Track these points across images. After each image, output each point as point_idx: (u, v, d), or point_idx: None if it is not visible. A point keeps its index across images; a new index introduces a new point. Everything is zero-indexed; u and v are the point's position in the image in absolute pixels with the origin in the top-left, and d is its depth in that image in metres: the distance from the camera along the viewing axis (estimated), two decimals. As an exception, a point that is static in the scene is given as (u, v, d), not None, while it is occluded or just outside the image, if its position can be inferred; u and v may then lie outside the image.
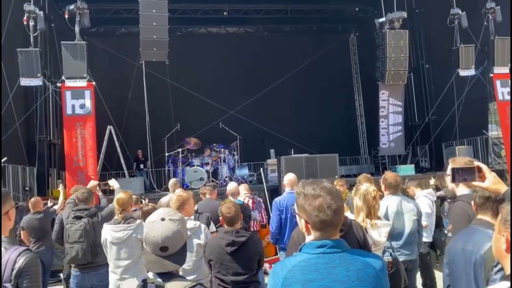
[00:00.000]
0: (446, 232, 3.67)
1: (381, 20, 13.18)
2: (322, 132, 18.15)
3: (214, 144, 13.92)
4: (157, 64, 12.36)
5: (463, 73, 12.83)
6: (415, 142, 15.96)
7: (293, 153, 12.13)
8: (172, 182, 7.77)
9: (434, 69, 15.84)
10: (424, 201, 5.98)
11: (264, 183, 10.93)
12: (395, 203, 4.28)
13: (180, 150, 13.08)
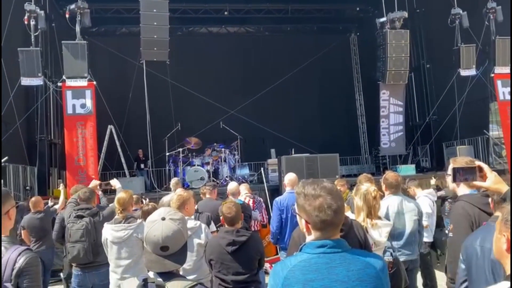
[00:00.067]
0: (447, 232, 3.65)
1: (382, 19, 13.18)
2: (323, 132, 18.12)
3: (215, 143, 13.91)
4: (157, 63, 12.36)
5: (464, 73, 12.83)
6: (416, 142, 15.92)
7: (293, 153, 12.10)
8: (173, 182, 7.80)
9: (435, 69, 15.81)
10: (424, 201, 5.97)
11: (264, 183, 10.92)
12: (396, 203, 4.27)
13: (180, 149, 13.07)
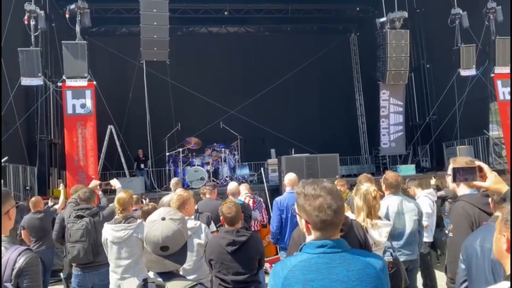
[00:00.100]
0: (447, 232, 3.65)
1: (382, 19, 13.18)
2: (323, 132, 18.12)
3: (215, 143, 13.90)
4: (157, 63, 12.36)
5: (464, 73, 12.83)
6: (416, 142, 15.92)
7: (293, 153, 12.10)
8: (173, 182, 7.80)
9: (435, 69, 15.81)
10: (424, 201, 5.97)
11: (264, 183, 10.92)
12: (396, 203, 4.27)
13: (180, 149, 13.07)
